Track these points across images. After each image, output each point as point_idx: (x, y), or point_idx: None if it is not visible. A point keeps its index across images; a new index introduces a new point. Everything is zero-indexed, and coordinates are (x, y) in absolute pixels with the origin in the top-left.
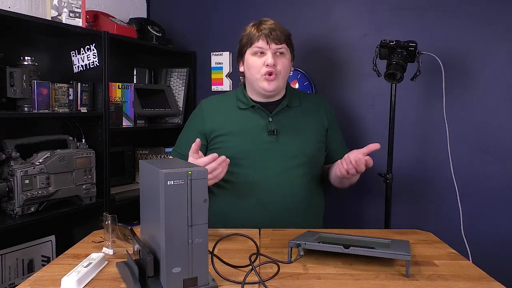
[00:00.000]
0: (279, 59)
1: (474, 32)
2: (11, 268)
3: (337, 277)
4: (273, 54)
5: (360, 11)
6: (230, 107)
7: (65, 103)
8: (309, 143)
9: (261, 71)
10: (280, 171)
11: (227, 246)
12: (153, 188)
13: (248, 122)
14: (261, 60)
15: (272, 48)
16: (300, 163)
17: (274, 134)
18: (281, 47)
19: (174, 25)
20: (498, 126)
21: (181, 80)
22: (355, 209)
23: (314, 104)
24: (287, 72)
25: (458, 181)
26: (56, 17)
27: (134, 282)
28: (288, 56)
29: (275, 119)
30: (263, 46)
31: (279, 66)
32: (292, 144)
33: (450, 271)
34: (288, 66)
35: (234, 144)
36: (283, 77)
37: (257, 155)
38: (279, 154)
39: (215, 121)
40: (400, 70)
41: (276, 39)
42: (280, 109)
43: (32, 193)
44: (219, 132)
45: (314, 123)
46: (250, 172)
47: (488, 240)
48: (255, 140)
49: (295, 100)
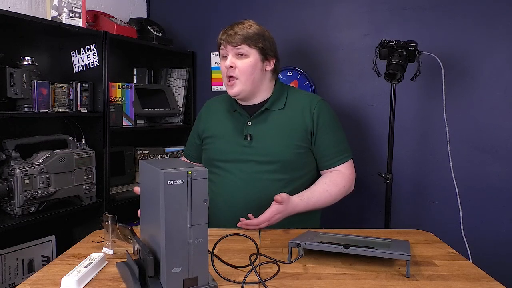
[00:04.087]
0: (239, 61)
1: (474, 32)
2: (11, 268)
3: (337, 277)
4: (234, 56)
5: (360, 11)
6: (222, 110)
7: (65, 103)
8: (285, 148)
9: (225, 75)
10: (250, 175)
11: (227, 246)
12: (153, 188)
13: (229, 125)
14: (224, 64)
15: (231, 52)
16: (273, 169)
17: (248, 138)
18: (239, 49)
19: (174, 25)
20: (498, 126)
21: (181, 80)
22: (355, 209)
23: (301, 107)
24: (249, 74)
25: (458, 181)
26: (56, 17)
27: (134, 282)
28: (253, 57)
29: (253, 123)
30: (224, 50)
31: (238, 68)
32: (265, 149)
33: (450, 271)
34: (249, 67)
35: (216, 147)
36: (246, 80)
37: (233, 159)
38: (252, 158)
39: (207, 122)
40: (400, 70)
41: (233, 42)
42: (260, 113)
43: (32, 193)
44: (208, 133)
45: (295, 127)
46: (226, 175)
47: (488, 240)
48: (232, 144)
49: (279, 102)
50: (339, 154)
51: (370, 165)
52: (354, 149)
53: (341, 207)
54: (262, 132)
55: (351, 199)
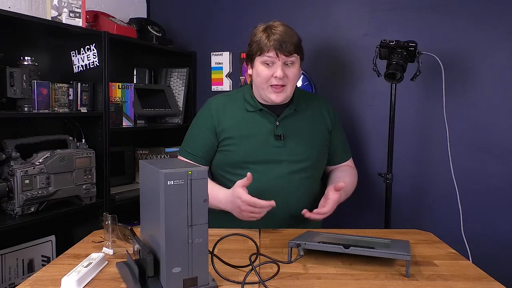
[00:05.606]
0: (289, 70)
1: (474, 32)
2: (11, 268)
3: (337, 277)
4: (282, 65)
5: (360, 11)
6: (238, 109)
7: (65, 103)
8: (314, 147)
9: (269, 81)
10: (286, 175)
11: (227, 246)
12: (153, 188)
13: (255, 125)
14: (270, 71)
15: (281, 60)
16: (305, 167)
17: (281, 139)
18: (291, 58)
19: (174, 25)
20: (498, 126)
21: (181, 80)
22: (355, 209)
23: (319, 107)
24: (296, 80)
25: (458, 181)
26: (56, 17)
27: (134, 282)
28: (298, 64)
29: (282, 124)
30: (273, 57)
31: (288, 77)
32: (298, 149)
33: (450, 271)
34: (297, 74)
35: (242, 148)
36: (292, 87)
37: (264, 160)
38: (285, 158)
39: (224, 122)
40: (400, 70)
41: (286, 51)
42: (288, 114)
43: (32, 193)
44: (228, 134)
45: (320, 127)
46: (256, 176)
47: (488, 240)
48: (262, 144)
49: (301, 103)
50: (348, 149)
51: (370, 165)
52: (354, 149)
53: (341, 207)
54: (292, 132)
55: (351, 199)
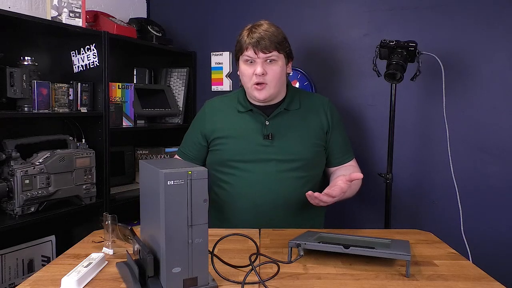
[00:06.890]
0: (270, 67)
1: (474, 32)
2: (11, 268)
3: (337, 277)
4: (263, 63)
5: (360, 11)
6: (230, 110)
7: (65, 103)
8: (306, 146)
9: (252, 80)
10: (274, 173)
11: (227, 246)
12: (153, 188)
13: (245, 125)
14: (251, 69)
15: (261, 57)
16: (296, 167)
17: (269, 138)
18: (271, 55)
19: (174, 25)
20: (497, 126)
21: (181, 80)
22: (355, 209)
23: (315, 106)
24: (279, 79)
25: (458, 181)
26: (56, 17)
27: (134, 282)
28: (281, 62)
29: (272, 123)
30: (252, 56)
31: (269, 75)
32: (288, 148)
33: (450, 271)
34: (279, 72)
35: (231, 147)
36: (275, 85)
37: (252, 158)
38: (273, 157)
39: (215, 123)
40: (400, 70)
41: (264, 49)
42: (278, 113)
43: (32, 193)
44: (218, 134)
45: (313, 126)
46: (245, 175)
47: (488, 240)
48: (251, 143)
49: (295, 102)
50: (349, 150)
51: (370, 165)
52: (354, 149)
53: (341, 207)
54: (282, 131)
55: (351, 199)
